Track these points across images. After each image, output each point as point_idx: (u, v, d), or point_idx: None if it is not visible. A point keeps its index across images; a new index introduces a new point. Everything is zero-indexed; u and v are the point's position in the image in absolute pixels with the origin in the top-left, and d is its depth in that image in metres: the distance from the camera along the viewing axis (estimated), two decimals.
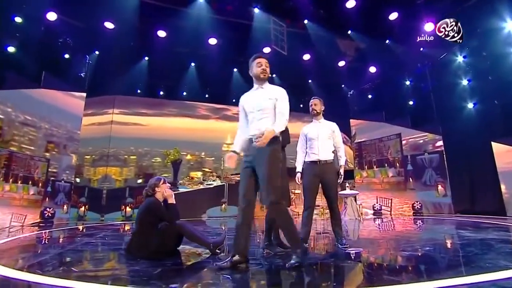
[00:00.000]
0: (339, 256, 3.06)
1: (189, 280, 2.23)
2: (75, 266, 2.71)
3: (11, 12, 7.12)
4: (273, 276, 2.39)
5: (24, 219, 7.09)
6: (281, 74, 11.80)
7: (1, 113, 6.74)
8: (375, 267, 2.61)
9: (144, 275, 2.22)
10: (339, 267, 2.64)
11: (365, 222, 7.54)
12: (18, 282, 2.13)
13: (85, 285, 1.94)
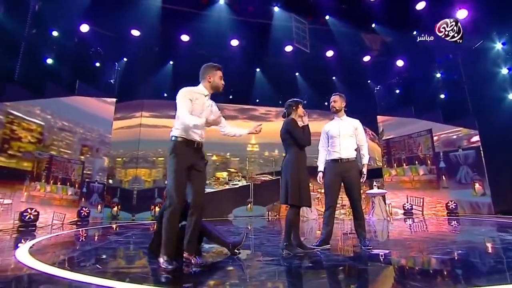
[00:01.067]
0: (361, 258, 2.96)
1: (204, 280, 2.28)
2: (100, 263, 2.88)
3: (49, 26, 7.67)
4: (288, 278, 2.37)
5: (64, 217, 7.60)
6: (304, 72, 11.70)
7: (42, 120, 7.28)
8: (400, 271, 2.50)
9: (161, 274, 2.31)
10: (358, 270, 2.55)
11: (394, 223, 7.25)
12: (45, 275, 2.29)
13: (103, 281, 2.05)
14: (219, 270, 2.57)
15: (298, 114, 3.37)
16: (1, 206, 6.30)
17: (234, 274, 2.38)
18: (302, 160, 3.22)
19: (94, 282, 2.05)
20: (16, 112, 6.68)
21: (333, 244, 3.62)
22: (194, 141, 2.69)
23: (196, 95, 2.74)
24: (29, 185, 6.83)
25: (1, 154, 6.38)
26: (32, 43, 6.95)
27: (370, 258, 2.88)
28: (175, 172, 2.52)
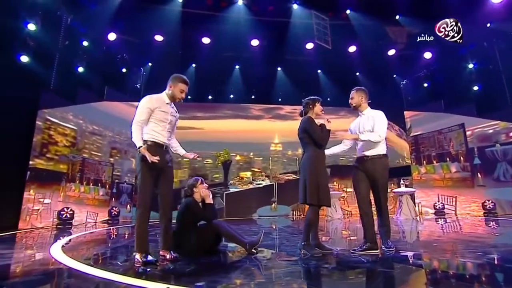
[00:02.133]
0: (385, 260, 2.85)
1: (218, 279, 2.32)
2: (120, 260, 3.03)
3: (80, 37, 8.16)
4: (302, 278, 2.36)
5: (96, 216, 8.05)
6: (326, 69, 11.49)
7: (75, 125, 7.77)
8: (430, 275, 2.39)
9: (176, 272, 2.39)
10: (377, 273, 2.48)
11: (425, 222, 6.94)
12: (72, 271, 2.45)
13: (120, 277, 2.17)
14: (233, 269, 2.61)
15: (315, 112, 3.31)
16: (42, 205, 6.82)
17: (248, 273, 2.41)
18: (321, 159, 3.15)
19: (114, 278, 2.17)
20: (52, 118, 7.19)
21: (356, 244, 3.53)
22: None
23: (158, 103, 2.95)
24: (65, 185, 7.32)
25: (41, 157, 6.89)
26: (65, 54, 7.44)
27: (395, 260, 2.78)
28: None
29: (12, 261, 3.02)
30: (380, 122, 3.30)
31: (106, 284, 2.11)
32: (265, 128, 12.38)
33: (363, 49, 10.32)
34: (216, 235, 3.24)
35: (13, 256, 3.31)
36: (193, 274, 2.37)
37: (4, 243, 4.44)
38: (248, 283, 2.14)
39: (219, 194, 11.60)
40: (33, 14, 6.37)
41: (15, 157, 6.39)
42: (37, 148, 6.80)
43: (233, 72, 11.83)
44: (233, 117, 12.38)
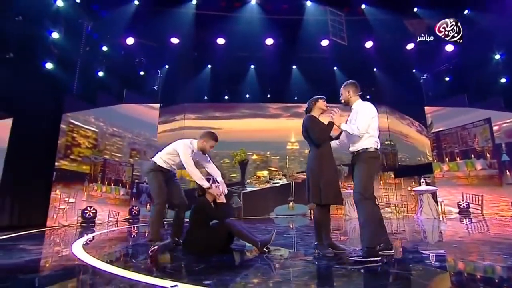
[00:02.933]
0: (402, 262, 2.78)
1: (226, 277, 2.35)
2: (134, 257, 3.13)
3: (100, 42, 8.49)
4: (310, 278, 2.35)
5: (118, 215, 8.35)
6: (342, 66, 11.30)
7: (96, 127, 8.10)
8: (452, 277, 2.33)
9: (186, 270, 2.45)
10: (394, 274, 2.42)
11: (448, 222, 6.69)
12: (90, 267, 2.57)
13: (132, 274, 2.25)
14: (243, 268, 2.64)
15: (319, 107, 3.26)
16: (67, 204, 7.16)
17: (257, 273, 2.43)
18: (324, 156, 3.03)
19: (127, 275, 2.26)
20: (75, 121, 7.53)
21: None
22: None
23: (190, 151, 3.69)
24: (88, 186, 7.64)
25: (65, 158, 7.24)
26: (86, 59, 7.77)
27: (412, 261, 2.71)
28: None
29: (36, 257, 3.20)
30: (361, 114, 3.03)
31: (118, 280, 2.20)
32: (282, 127, 12.35)
33: (380, 44, 10.07)
34: (229, 234, 3.28)
35: (38, 252, 3.51)
36: (202, 272, 2.42)
37: (33, 239, 4.70)
38: (256, 282, 2.15)
39: (237, 193, 11.70)
40: (57, 23, 6.70)
41: (43, 158, 6.75)
42: (61, 150, 7.15)
43: (249, 72, 11.88)
44: (249, 116, 12.43)
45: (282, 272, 2.42)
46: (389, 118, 11.65)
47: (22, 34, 5.89)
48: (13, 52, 5.75)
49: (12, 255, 3.39)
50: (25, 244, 4.11)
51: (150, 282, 2.07)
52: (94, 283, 2.25)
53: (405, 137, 11.72)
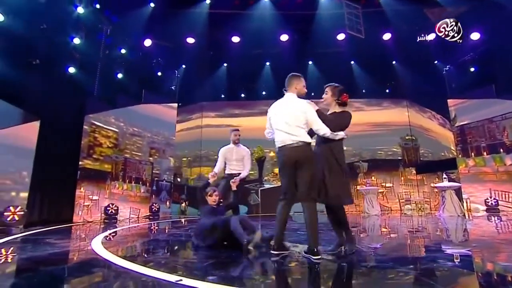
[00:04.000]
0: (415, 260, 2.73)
1: (230, 274, 2.41)
2: (147, 253, 3.26)
3: (118, 46, 8.81)
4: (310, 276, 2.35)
5: (139, 212, 8.67)
6: (359, 60, 11.04)
7: (116, 128, 8.44)
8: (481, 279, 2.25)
9: (193, 265, 2.52)
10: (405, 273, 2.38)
11: (474, 220, 6.40)
12: (105, 261, 2.71)
13: (140, 268, 2.35)
14: (249, 265, 2.68)
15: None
16: (91, 201, 7.54)
17: (256, 271, 2.46)
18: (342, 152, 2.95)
19: (135, 269, 2.37)
20: (97, 122, 7.88)
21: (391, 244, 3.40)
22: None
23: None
24: (110, 184, 8.00)
25: (88, 158, 7.62)
26: (106, 63, 8.10)
27: (426, 260, 2.65)
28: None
29: (58, 250, 3.42)
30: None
31: (125, 273, 2.31)
32: None
33: (399, 36, 9.74)
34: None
35: (60, 246, 3.74)
36: (209, 268, 2.49)
37: (59, 234, 5.00)
38: (258, 279, 2.19)
39: (254, 191, 11.77)
40: (78, 29, 7.03)
41: (68, 158, 7.15)
42: (85, 149, 7.52)
43: (264, 69, 11.88)
44: (266, 113, 12.41)
45: (286, 269, 2.44)
46: (410, 112, 11.26)
47: (47, 41, 6.25)
48: (39, 58, 6.12)
49: (38, 248, 3.64)
50: (51, 238, 4.39)
51: (156, 276, 2.16)
52: (104, 275, 2.38)
53: (427, 131, 11.28)
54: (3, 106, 5.38)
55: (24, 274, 2.52)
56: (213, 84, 11.95)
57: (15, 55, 5.59)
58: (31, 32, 5.83)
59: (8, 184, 5.54)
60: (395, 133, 11.24)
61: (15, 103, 5.62)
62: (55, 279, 2.25)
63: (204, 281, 2.00)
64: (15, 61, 5.56)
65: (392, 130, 11.28)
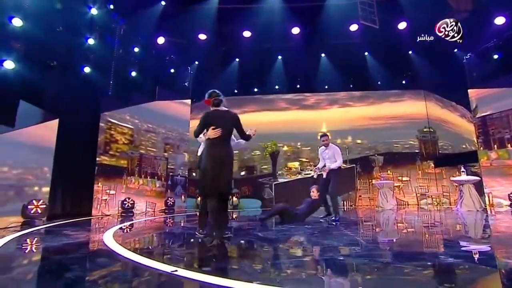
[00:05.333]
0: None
1: (226, 265, 2.47)
2: (152, 245, 3.39)
3: (132, 44, 9.05)
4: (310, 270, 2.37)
5: (155, 206, 8.96)
6: (374, 51, 10.73)
7: (132, 124, 8.72)
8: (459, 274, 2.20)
9: (192, 256, 2.61)
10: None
11: (497, 215, 6.13)
12: (106, 250, 2.86)
13: (142, 259, 2.46)
14: (247, 257, 2.73)
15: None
16: (108, 196, 7.87)
17: (257, 261, 2.51)
18: (206, 151, 3.25)
19: (135, 259, 2.49)
20: (112, 119, 8.18)
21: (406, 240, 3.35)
22: None
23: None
24: (126, 179, 8.30)
25: (105, 154, 7.94)
26: (120, 61, 8.35)
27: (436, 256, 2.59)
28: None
29: (72, 241, 3.62)
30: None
31: (124, 262, 2.43)
32: (312, 117, 12.15)
33: (415, 24, 9.33)
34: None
35: (75, 237, 3.95)
36: (207, 260, 2.57)
37: (77, 226, 5.27)
38: (249, 271, 2.24)
39: (268, 185, 11.83)
40: (92, 30, 7.29)
41: (86, 154, 7.48)
42: (101, 146, 7.84)
43: (276, 62, 11.80)
44: (279, 108, 12.38)
45: (280, 262, 2.47)
46: (428, 103, 10.85)
47: (63, 43, 6.53)
48: (56, 60, 6.41)
49: (56, 239, 3.89)
50: (68, 230, 4.65)
51: (152, 266, 2.26)
52: (106, 264, 2.52)
53: (446, 123, 10.84)
54: (24, 106, 5.70)
55: (36, 262, 2.71)
56: (226, 79, 12.01)
57: (34, 58, 5.89)
58: (48, 35, 6.10)
59: (31, 179, 5.89)
60: (412, 125, 10.90)
61: (35, 103, 5.94)
62: (62, 266, 2.40)
63: (199, 272, 2.07)
64: (34, 63, 5.86)
65: (409, 123, 10.94)
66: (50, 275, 2.22)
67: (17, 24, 5.55)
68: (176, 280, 1.96)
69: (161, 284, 1.97)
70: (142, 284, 1.96)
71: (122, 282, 1.95)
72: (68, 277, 2.02)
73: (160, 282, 2.02)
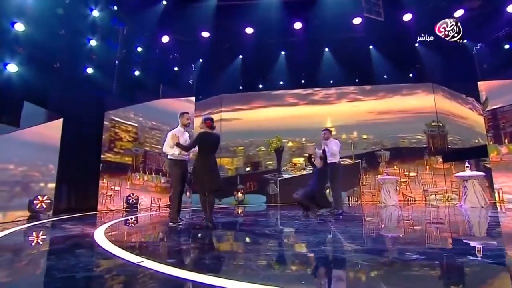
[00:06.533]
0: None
1: (191, 257, 2.55)
2: (135, 237, 3.52)
3: (135, 44, 9.26)
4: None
5: (160, 201, 9.21)
6: (379, 44, 10.48)
7: (136, 122, 8.96)
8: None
9: (162, 249, 2.70)
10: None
11: (507, 212, 5.91)
12: (90, 242, 3.00)
13: (117, 250, 2.58)
14: (215, 250, 2.81)
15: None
16: (113, 191, 8.16)
17: (226, 255, 2.57)
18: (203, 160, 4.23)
19: (114, 252, 2.61)
20: (116, 118, 8.43)
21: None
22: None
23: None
24: (131, 175, 8.57)
25: (109, 151, 8.22)
26: (123, 61, 8.58)
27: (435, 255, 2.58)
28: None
29: (65, 234, 3.81)
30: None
31: (101, 253, 2.56)
32: (317, 112, 12.03)
33: (421, 15, 9.03)
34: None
35: (70, 230, 4.15)
36: (175, 252, 2.67)
37: (76, 220, 5.50)
38: (212, 262, 2.31)
39: (273, 181, 11.88)
40: (94, 31, 7.53)
41: (91, 152, 7.78)
42: (106, 144, 8.12)
43: (279, 58, 11.74)
44: (283, 103, 12.33)
45: (247, 256, 2.53)
46: (436, 96, 10.50)
47: (66, 45, 6.79)
48: (59, 62, 6.68)
49: (53, 232, 4.15)
50: (67, 224, 4.89)
51: (121, 256, 2.39)
52: (82, 254, 2.65)
53: (456, 116, 10.47)
54: (29, 107, 5.99)
55: (24, 251, 2.90)
56: (230, 76, 12.08)
57: (38, 61, 6.16)
58: (51, 38, 6.36)
59: (37, 176, 6.20)
60: (420, 119, 10.59)
61: (39, 104, 6.23)
62: (44, 256, 2.55)
63: (164, 264, 2.14)
64: (38, 66, 6.13)
65: (416, 117, 10.64)
66: (29, 264, 2.38)
67: (19, 28, 5.81)
68: (140, 271, 2.04)
69: (121, 273, 2.07)
70: (104, 271, 2.07)
71: (85, 271, 2.05)
72: (42, 264, 2.17)
73: (123, 271, 2.12)
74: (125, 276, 1.98)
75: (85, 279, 1.89)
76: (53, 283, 1.86)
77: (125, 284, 1.84)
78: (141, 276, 1.95)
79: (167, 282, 1.84)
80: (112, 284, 1.84)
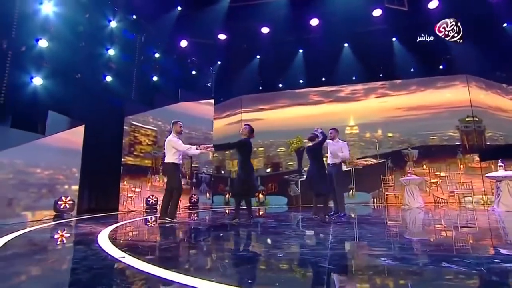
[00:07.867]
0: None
1: (171, 254, 2.55)
2: (137, 237, 3.62)
3: (153, 50, 9.62)
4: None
5: (180, 203, 9.45)
6: (402, 36, 9.85)
7: (155, 126, 9.29)
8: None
9: (146, 247, 2.75)
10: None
11: None
12: (90, 239, 3.14)
13: (111, 249, 2.66)
14: (194, 248, 2.79)
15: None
16: (134, 193, 8.54)
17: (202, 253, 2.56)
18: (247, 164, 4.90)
19: (107, 250, 2.70)
20: (136, 122, 8.81)
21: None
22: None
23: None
24: (150, 177, 8.90)
25: (130, 155, 8.61)
26: (142, 67, 8.95)
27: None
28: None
29: (76, 232, 4.06)
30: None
31: (94, 250, 2.66)
32: (339, 111, 11.61)
33: (448, 2, 8.31)
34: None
35: (82, 229, 4.38)
36: (157, 250, 2.69)
37: (93, 220, 5.81)
38: (184, 260, 2.29)
39: (294, 182, 11.68)
40: (112, 41, 7.95)
41: (112, 156, 8.20)
42: (126, 147, 8.51)
43: (297, 56, 11.51)
44: (304, 102, 12.06)
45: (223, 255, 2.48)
46: (471, 89, 9.60)
47: (86, 57, 7.24)
48: (80, 72, 7.15)
49: (69, 229, 4.41)
50: (83, 223, 5.19)
51: (108, 252, 2.50)
52: (77, 250, 2.79)
53: (495, 110, 9.50)
54: (53, 116, 6.48)
55: (33, 247, 3.12)
56: (249, 77, 12.09)
57: (60, 73, 6.63)
58: (72, 51, 6.82)
59: (61, 179, 6.68)
60: (452, 114, 9.77)
61: (63, 112, 6.70)
62: (41, 249, 2.72)
63: (144, 261, 2.20)
64: (60, 78, 6.60)
65: (448, 112, 9.83)
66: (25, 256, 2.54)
67: (43, 44, 6.31)
68: (120, 266, 2.15)
69: (104, 267, 2.18)
70: (83, 263, 2.19)
71: (74, 263, 2.20)
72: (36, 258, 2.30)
73: (104, 265, 2.23)
74: (101, 269, 2.11)
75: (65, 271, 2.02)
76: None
77: (97, 276, 1.95)
78: (116, 270, 2.07)
79: (136, 276, 1.93)
80: (87, 276, 1.95)
